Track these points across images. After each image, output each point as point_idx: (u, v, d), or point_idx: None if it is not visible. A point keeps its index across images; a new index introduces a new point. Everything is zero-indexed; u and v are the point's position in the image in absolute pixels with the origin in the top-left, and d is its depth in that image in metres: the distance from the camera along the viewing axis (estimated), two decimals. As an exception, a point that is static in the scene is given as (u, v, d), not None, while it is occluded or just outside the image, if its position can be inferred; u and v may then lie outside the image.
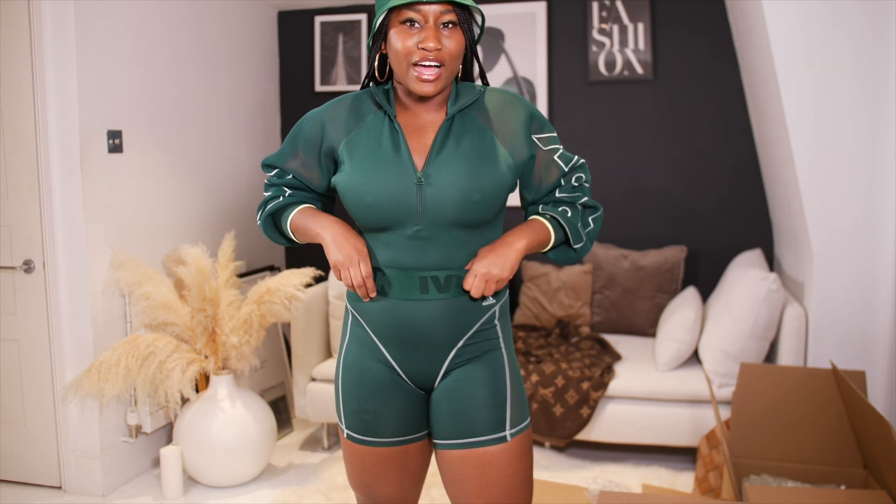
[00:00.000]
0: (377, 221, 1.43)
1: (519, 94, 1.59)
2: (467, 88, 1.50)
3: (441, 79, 1.40)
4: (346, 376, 1.56)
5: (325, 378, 3.27)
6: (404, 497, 1.60)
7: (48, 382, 2.94)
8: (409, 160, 1.43)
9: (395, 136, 1.46)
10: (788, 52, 2.52)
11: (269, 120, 4.18)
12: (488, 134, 1.46)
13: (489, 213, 1.44)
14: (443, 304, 1.45)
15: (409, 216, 1.41)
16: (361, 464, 1.57)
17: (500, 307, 1.53)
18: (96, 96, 2.87)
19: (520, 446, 1.48)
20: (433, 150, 1.43)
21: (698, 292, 3.40)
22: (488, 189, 1.42)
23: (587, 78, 3.80)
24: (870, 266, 2.58)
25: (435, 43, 1.37)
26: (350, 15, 4.12)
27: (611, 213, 3.83)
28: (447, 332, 1.47)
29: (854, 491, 2.00)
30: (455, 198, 1.40)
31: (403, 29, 1.39)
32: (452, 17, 1.39)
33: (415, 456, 1.58)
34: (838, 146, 2.54)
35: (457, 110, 1.46)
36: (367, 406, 1.53)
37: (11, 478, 3.03)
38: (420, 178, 1.41)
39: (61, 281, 2.88)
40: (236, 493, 2.94)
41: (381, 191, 1.41)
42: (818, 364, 2.69)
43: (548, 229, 1.51)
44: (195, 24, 3.47)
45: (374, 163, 1.43)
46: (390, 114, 1.47)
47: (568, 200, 1.55)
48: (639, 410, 2.98)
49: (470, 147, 1.44)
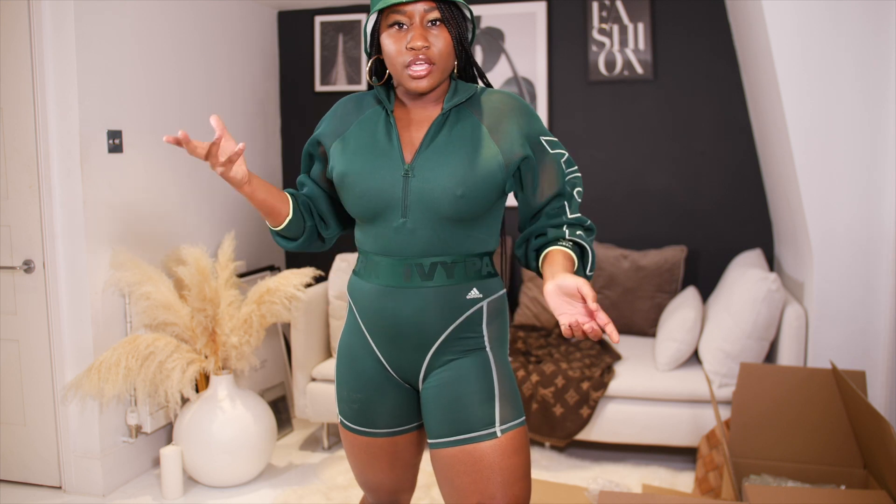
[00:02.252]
0: (365, 211, 1.48)
1: (519, 96, 1.59)
2: (465, 86, 1.52)
3: (432, 74, 1.42)
4: (340, 362, 1.62)
5: (325, 378, 3.27)
6: (397, 483, 1.66)
7: (48, 382, 2.94)
8: (398, 152, 1.46)
9: (389, 129, 1.50)
10: (788, 52, 2.52)
11: (269, 120, 4.18)
12: (481, 130, 1.47)
13: (475, 208, 1.44)
14: (426, 292, 1.47)
15: (395, 207, 1.45)
16: (352, 450, 1.63)
17: (488, 309, 1.51)
18: (96, 96, 2.87)
19: (512, 442, 1.46)
20: (423, 143, 1.46)
21: (698, 292, 3.40)
22: (472, 184, 1.42)
23: (587, 78, 3.80)
24: (870, 266, 2.58)
25: (422, 41, 1.39)
26: (350, 15, 4.12)
27: (611, 213, 3.83)
28: (430, 322, 1.48)
29: (854, 491, 2.00)
30: (438, 191, 1.42)
31: (392, 33, 1.42)
32: (437, 14, 1.41)
33: (405, 447, 1.62)
34: (838, 146, 2.54)
35: (452, 105, 1.48)
36: (355, 395, 1.58)
37: (11, 478, 3.03)
38: (407, 169, 1.44)
39: (61, 281, 2.88)
40: (236, 493, 2.94)
41: (370, 181, 1.45)
42: (818, 364, 2.69)
43: (573, 260, 1.43)
44: (195, 24, 3.47)
45: (365, 154, 1.48)
46: (387, 108, 1.51)
47: (576, 222, 1.52)
48: (639, 410, 2.98)
49: (460, 142, 1.45)
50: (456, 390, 1.48)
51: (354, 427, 1.59)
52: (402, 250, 1.46)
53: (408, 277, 1.47)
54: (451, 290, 1.47)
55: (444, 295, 1.47)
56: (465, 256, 1.48)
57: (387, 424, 1.58)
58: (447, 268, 1.47)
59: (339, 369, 1.62)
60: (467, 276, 1.49)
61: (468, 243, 1.48)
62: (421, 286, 1.47)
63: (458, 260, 1.48)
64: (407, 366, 1.53)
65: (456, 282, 1.48)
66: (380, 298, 1.50)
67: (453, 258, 1.47)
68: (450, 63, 1.45)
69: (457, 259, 1.47)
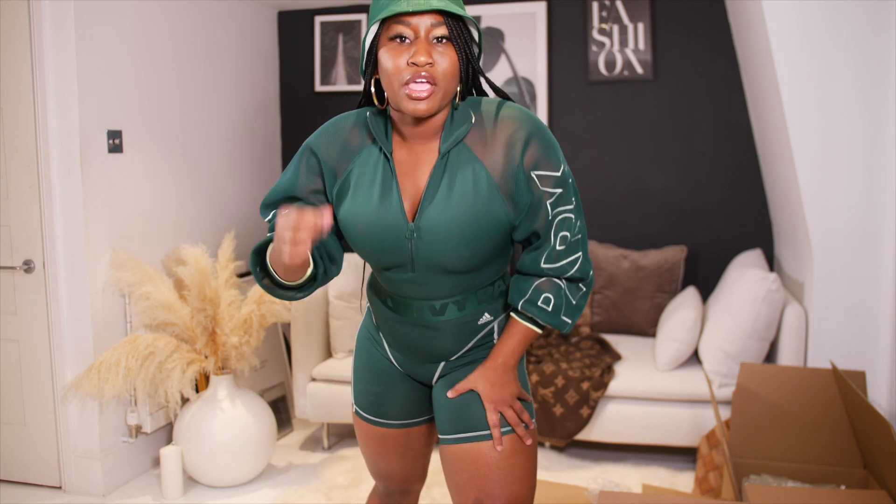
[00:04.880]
0: (376, 265, 1.46)
1: (522, 114, 1.40)
2: (463, 113, 1.39)
3: (434, 97, 1.29)
4: (358, 355, 1.66)
5: (325, 378, 3.27)
6: (409, 472, 1.70)
7: (48, 382, 2.94)
8: (400, 209, 1.37)
9: (388, 177, 1.39)
10: (788, 52, 2.52)
11: (269, 120, 4.18)
12: (483, 175, 1.35)
13: (484, 259, 1.42)
14: (438, 323, 1.49)
15: (404, 264, 1.41)
16: (365, 439, 1.66)
17: (499, 328, 1.55)
18: (96, 96, 2.87)
19: (513, 444, 1.48)
20: (425, 198, 1.36)
21: (698, 292, 3.40)
22: (479, 242, 1.37)
23: (587, 78, 3.80)
24: (870, 266, 2.58)
25: (426, 57, 1.26)
26: (350, 15, 4.12)
27: (611, 213, 3.83)
28: (442, 347, 1.52)
29: (854, 491, 2.00)
30: (445, 253, 1.37)
31: (393, 46, 1.29)
32: (444, 30, 1.29)
33: (418, 437, 1.66)
34: (838, 146, 2.54)
35: (449, 147, 1.36)
36: (371, 388, 1.61)
37: (11, 478, 3.03)
38: (412, 230, 1.37)
39: (61, 281, 2.88)
40: (236, 493, 2.94)
41: (375, 243, 1.39)
42: (818, 364, 2.69)
43: (534, 332, 1.48)
44: (195, 24, 3.47)
45: (368, 211, 1.38)
46: (386, 150, 1.39)
47: (552, 273, 1.42)
48: (639, 410, 2.98)
49: (462, 194, 1.35)
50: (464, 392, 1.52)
51: (369, 418, 1.63)
52: (413, 294, 1.47)
53: (419, 313, 1.49)
54: (463, 320, 1.50)
55: (456, 325, 1.50)
56: (477, 289, 1.49)
57: (400, 416, 1.62)
58: (459, 303, 1.48)
59: (356, 362, 1.65)
60: (479, 304, 1.50)
61: (480, 280, 1.48)
62: (432, 320, 1.49)
63: (470, 294, 1.48)
64: (420, 372, 1.59)
65: (468, 312, 1.49)
66: (392, 322, 1.54)
67: (464, 295, 1.48)
68: (453, 86, 1.32)
69: (468, 294, 1.48)
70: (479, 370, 1.49)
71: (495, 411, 1.46)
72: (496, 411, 1.46)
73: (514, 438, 1.49)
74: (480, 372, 1.48)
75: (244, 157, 3.91)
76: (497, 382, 1.47)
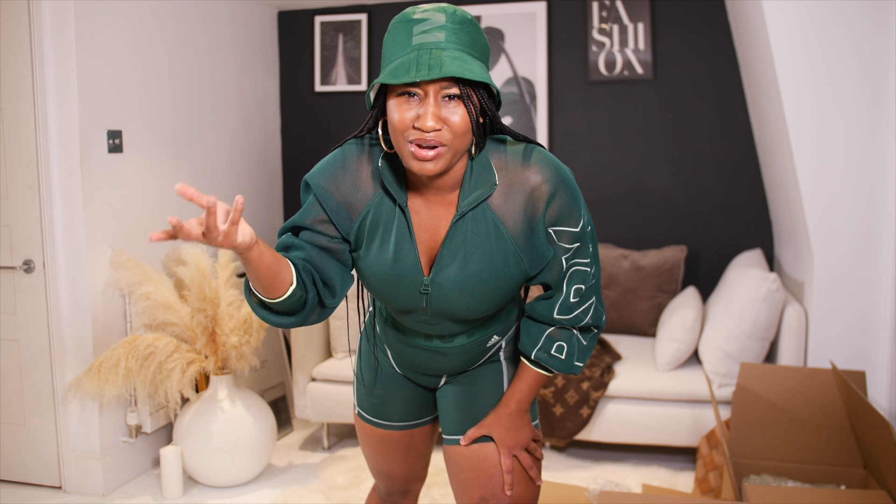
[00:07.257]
0: (388, 306, 1.45)
1: (548, 167, 1.31)
2: (484, 166, 1.30)
3: (442, 157, 1.21)
4: (362, 360, 1.66)
5: (325, 378, 3.27)
6: (411, 472, 1.71)
7: (48, 382, 2.94)
8: (416, 263, 1.34)
9: (403, 230, 1.33)
10: (788, 52, 2.52)
11: (269, 120, 4.18)
12: (501, 231, 1.31)
13: (497, 308, 1.43)
14: (447, 348, 1.50)
15: (417, 310, 1.41)
16: (368, 441, 1.67)
17: (506, 344, 1.57)
18: (96, 96, 2.87)
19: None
20: (442, 255, 1.33)
21: (698, 292, 3.40)
22: (494, 296, 1.37)
23: (587, 78, 3.80)
24: (870, 266, 2.58)
25: (434, 122, 1.17)
26: (350, 15, 4.12)
27: (611, 213, 3.83)
28: (451, 367, 1.54)
29: (854, 491, 1.99)
30: (459, 306, 1.37)
31: (402, 100, 1.20)
32: (456, 90, 1.19)
33: (420, 438, 1.67)
34: (838, 146, 2.54)
35: (466, 209, 1.30)
36: (376, 391, 1.62)
37: (11, 478, 3.03)
38: (427, 285, 1.35)
39: (61, 281, 2.88)
40: (236, 493, 2.94)
41: (389, 292, 1.38)
42: (818, 364, 2.69)
43: (546, 377, 1.49)
44: (195, 24, 3.47)
45: (384, 264, 1.34)
46: (400, 203, 1.31)
47: (566, 324, 1.42)
48: (639, 410, 2.98)
49: (479, 254, 1.32)
50: (469, 393, 1.54)
51: (373, 420, 1.64)
52: (424, 330, 1.48)
53: (428, 340, 1.50)
54: (472, 344, 1.51)
55: (464, 349, 1.51)
56: (486, 320, 1.50)
57: (403, 418, 1.63)
58: (468, 332, 1.50)
59: (360, 366, 1.66)
60: (488, 330, 1.51)
61: (487, 325, 1.51)
62: (441, 346, 1.50)
63: (478, 326, 1.50)
64: (423, 380, 1.61)
65: (476, 338, 1.50)
66: (398, 343, 1.55)
67: (473, 327, 1.49)
68: (465, 142, 1.23)
69: (477, 326, 1.50)
70: (492, 415, 1.49)
71: (509, 455, 1.47)
72: (510, 455, 1.47)
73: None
74: (494, 417, 1.49)
75: (244, 157, 3.91)
76: (512, 427, 1.48)
